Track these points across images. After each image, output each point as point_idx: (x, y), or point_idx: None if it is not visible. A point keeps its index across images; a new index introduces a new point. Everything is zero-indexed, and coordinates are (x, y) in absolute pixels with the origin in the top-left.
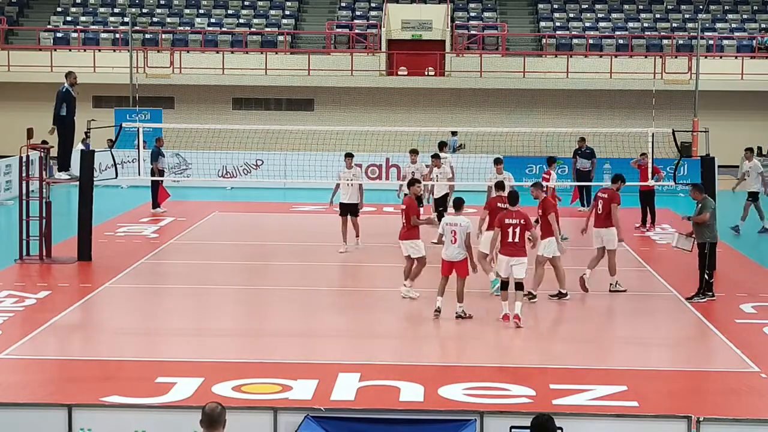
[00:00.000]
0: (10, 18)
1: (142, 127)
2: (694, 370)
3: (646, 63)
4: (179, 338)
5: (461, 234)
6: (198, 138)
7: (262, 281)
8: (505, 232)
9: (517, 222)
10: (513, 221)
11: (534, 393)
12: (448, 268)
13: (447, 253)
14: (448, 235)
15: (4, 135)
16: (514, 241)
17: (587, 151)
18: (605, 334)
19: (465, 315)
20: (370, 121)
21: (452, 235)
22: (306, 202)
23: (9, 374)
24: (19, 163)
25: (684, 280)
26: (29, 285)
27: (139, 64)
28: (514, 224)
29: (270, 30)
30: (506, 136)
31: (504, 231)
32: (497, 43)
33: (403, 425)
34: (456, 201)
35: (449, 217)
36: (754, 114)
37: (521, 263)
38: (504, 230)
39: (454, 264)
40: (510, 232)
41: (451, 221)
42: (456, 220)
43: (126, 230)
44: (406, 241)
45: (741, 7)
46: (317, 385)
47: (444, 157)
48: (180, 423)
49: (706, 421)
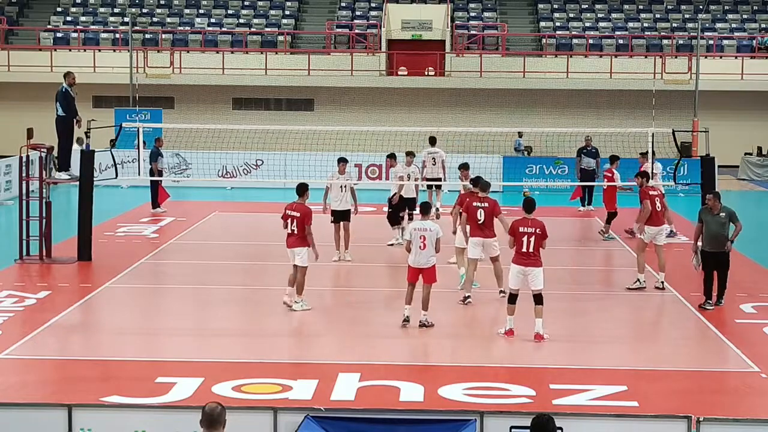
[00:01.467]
0: (10, 18)
1: (142, 127)
2: (694, 370)
3: (646, 63)
4: (179, 338)
5: (431, 239)
6: (198, 138)
7: (262, 281)
8: (519, 241)
9: (532, 231)
10: (528, 229)
11: (534, 393)
12: (415, 275)
13: (416, 260)
14: (417, 241)
15: (4, 135)
16: (528, 251)
17: (592, 150)
18: (605, 334)
19: (428, 324)
20: (370, 121)
21: (421, 241)
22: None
23: (9, 374)
24: (19, 163)
25: (684, 280)
26: (29, 285)
27: (139, 64)
28: (529, 233)
29: (270, 30)
30: (506, 136)
31: (518, 239)
32: (497, 43)
33: (403, 425)
34: (423, 206)
35: (418, 223)
36: (754, 114)
37: (537, 274)
38: (518, 239)
39: (423, 270)
40: (524, 240)
41: (419, 227)
42: (425, 225)
43: (126, 230)
44: (295, 249)
45: (741, 7)
46: (317, 385)
47: (435, 151)
48: (180, 423)
49: (706, 421)
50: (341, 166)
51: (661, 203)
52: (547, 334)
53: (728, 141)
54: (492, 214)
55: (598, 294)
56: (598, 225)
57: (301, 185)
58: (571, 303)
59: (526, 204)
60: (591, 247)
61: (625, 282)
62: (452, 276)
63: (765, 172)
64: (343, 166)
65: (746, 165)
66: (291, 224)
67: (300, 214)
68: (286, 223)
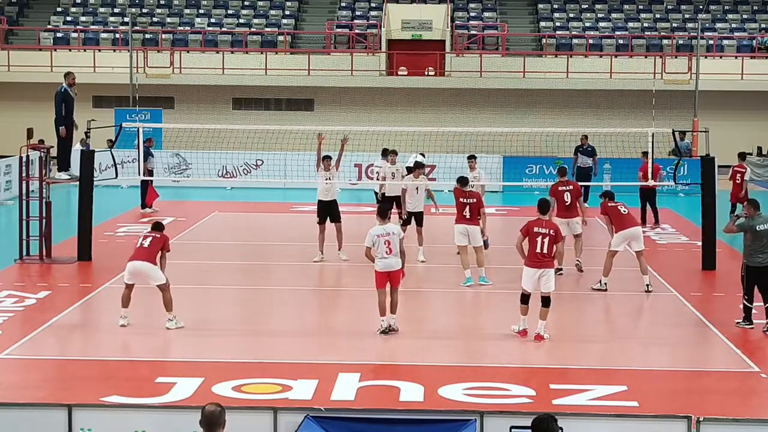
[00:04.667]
0: (10, 18)
1: (142, 127)
2: (694, 370)
3: (646, 63)
4: (179, 338)
5: (395, 242)
6: (198, 138)
7: (262, 281)
8: (533, 242)
9: (546, 232)
10: (542, 230)
11: (534, 393)
12: (385, 280)
13: (385, 264)
14: (382, 246)
15: (4, 135)
16: (543, 252)
17: (588, 148)
18: (605, 334)
19: (395, 329)
20: (370, 121)
21: (386, 246)
22: (306, 202)
23: (9, 374)
24: (19, 163)
25: (684, 281)
26: (29, 285)
27: (139, 64)
28: (543, 233)
29: (270, 30)
30: (506, 136)
31: (532, 240)
32: (497, 43)
33: (403, 425)
34: (381, 209)
35: (379, 228)
36: (754, 114)
37: (550, 275)
38: (532, 239)
39: (391, 274)
40: (539, 241)
41: (382, 232)
42: (387, 230)
43: (126, 230)
44: (154, 266)
45: (741, 7)
46: (317, 385)
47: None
48: (180, 423)
49: (706, 421)
50: (326, 163)
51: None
52: (547, 335)
53: (728, 141)
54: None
55: (598, 294)
56: (598, 224)
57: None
58: (571, 303)
59: (541, 205)
60: (591, 247)
61: (625, 282)
62: (454, 276)
63: (765, 172)
64: (327, 162)
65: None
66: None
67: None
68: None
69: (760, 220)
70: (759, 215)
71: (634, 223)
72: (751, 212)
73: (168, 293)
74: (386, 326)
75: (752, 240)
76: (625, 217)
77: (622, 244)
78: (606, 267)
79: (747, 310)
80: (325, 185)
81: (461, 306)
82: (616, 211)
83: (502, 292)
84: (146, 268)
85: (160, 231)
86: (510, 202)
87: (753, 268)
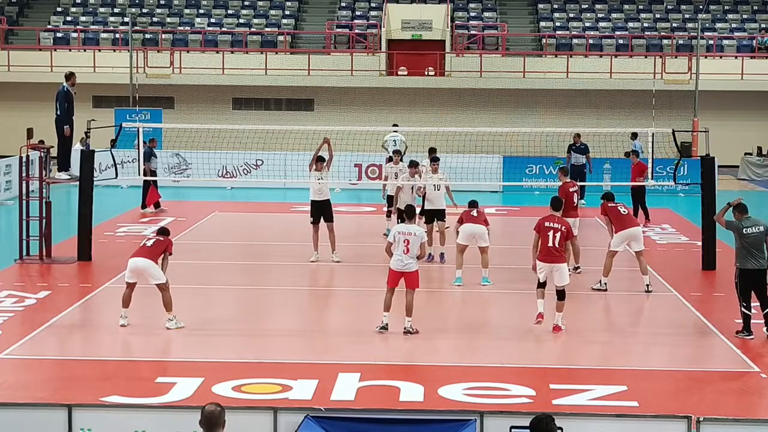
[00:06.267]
0: (10, 18)
1: (142, 127)
2: (694, 370)
3: (646, 63)
4: (179, 338)
5: (415, 244)
6: (198, 138)
7: (262, 281)
8: (545, 236)
9: (558, 227)
10: (554, 225)
11: (534, 393)
12: (396, 279)
13: (398, 262)
14: (401, 245)
15: (4, 135)
16: (554, 245)
17: (581, 146)
18: (605, 334)
19: (413, 330)
20: (370, 121)
21: (405, 245)
22: (306, 202)
23: (9, 374)
24: (19, 163)
25: (684, 280)
26: (29, 285)
27: (139, 64)
28: (555, 228)
29: (270, 30)
30: (506, 136)
31: (543, 235)
32: (497, 43)
33: (403, 425)
34: (408, 209)
35: (402, 226)
36: (754, 114)
37: (563, 270)
38: (543, 234)
39: (405, 275)
40: (550, 236)
41: (404, 230)
42: (410, 230)
43: (126, 230)
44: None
45: (741, 7)
46: (317, 385)
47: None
48: (180, 423)
49: (706, 421)
50: (319, 165)
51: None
52: (564, 326)
53: (728, 141)
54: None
55: (598, 294)
56: (597, 223)
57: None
58: (571, 303)
59: (554, 202)
60: (591, 246)
61: (625, 282)
62: (453, 276)
63: (765, 172)
64: (320, 164)
65: (746, 165)
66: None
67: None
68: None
69: (748, 223)
70: (747, 218)
71: (634, 224)
72: (738, 217)
73: (168, 293)
74: (385, 323)
75: (739, 242)
76: (625, 218)
77: (622, 244)
78: (606, 267)
79: (746, 318)
80: (317, 185)
81: (461, 306)
82: (616, 211)
83: (503, 292)
84: (147, 265)
85: (166, 236)
86: (510, 202)
87: (746, 271)
